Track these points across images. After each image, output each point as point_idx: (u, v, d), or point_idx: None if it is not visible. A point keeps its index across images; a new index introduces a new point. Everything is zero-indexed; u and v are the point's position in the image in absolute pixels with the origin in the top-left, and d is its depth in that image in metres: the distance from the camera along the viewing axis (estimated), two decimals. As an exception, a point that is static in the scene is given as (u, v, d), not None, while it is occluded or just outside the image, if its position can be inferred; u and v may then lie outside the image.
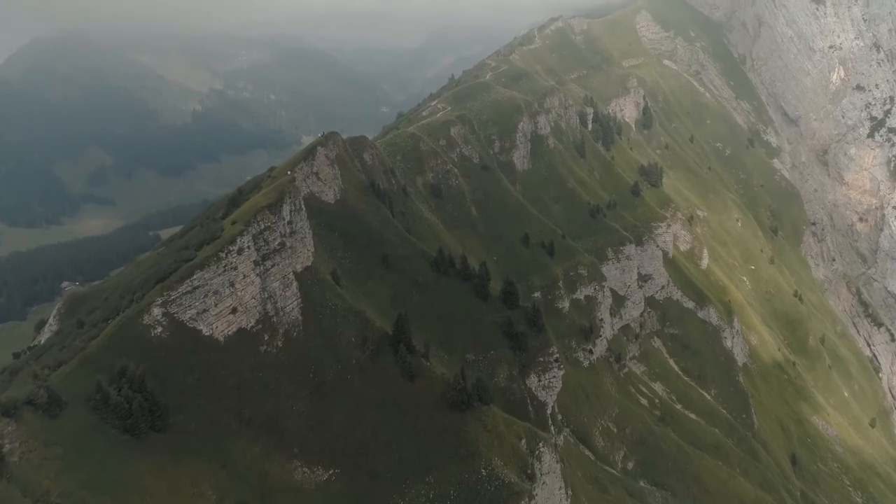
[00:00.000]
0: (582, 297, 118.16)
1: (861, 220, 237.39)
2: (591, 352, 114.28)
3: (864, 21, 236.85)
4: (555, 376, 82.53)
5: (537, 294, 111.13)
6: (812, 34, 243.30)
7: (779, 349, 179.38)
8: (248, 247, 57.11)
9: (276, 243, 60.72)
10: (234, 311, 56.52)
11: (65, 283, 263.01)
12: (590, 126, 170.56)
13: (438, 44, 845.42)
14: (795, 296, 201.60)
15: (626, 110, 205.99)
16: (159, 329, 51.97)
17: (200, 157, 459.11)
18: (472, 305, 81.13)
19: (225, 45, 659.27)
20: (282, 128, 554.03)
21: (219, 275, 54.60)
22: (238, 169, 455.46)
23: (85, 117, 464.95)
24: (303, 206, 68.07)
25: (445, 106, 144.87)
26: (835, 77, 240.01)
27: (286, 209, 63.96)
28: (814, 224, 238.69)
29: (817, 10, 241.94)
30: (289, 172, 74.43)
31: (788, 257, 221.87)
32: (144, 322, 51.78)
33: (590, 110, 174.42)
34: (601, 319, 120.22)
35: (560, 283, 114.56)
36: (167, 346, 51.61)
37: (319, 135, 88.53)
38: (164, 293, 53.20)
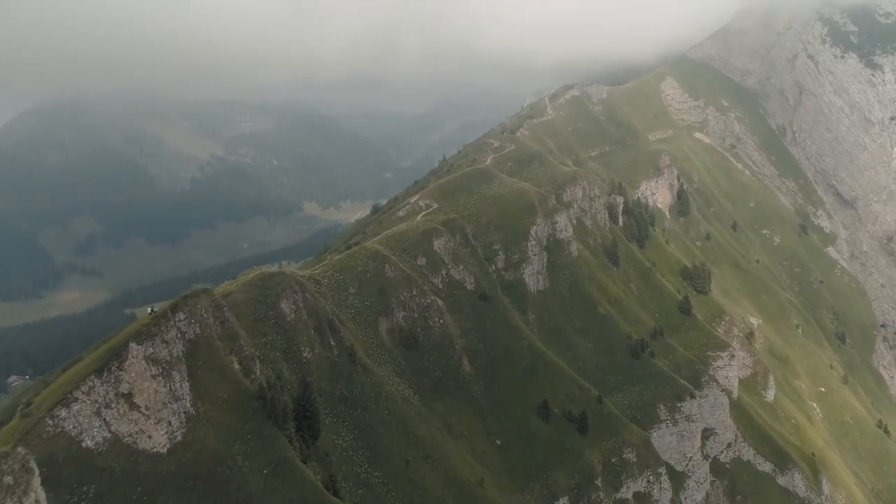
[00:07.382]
0: (630, 497, 79.09)
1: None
2: (645, 588, 74.13)
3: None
4: None
5: (563, 502, 72.34)
6: (868, 104, 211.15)
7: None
8: None
9: None
10: None
11: (12, 378, 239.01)
12: (620, 220, 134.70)
13: (444, 109, 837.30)
14: (879, 427, 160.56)
15: (659, 194, 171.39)
16: None
17: (196, 225, 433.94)
18: None
19: (229, 111, 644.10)
20: (283, 194, 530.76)
21: None
22: (234, 237, 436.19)
23: (79, 184, 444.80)
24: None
25: (430, 203, 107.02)
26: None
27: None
28: (884, 326, 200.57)
29: (873, 76, 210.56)
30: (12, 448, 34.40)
31: (860, 371, 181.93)
32: None
33: (619, 199, 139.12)
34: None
35: (598, 480, 75.93)
36: None
37: (150, 310, 46.29)
38: None
